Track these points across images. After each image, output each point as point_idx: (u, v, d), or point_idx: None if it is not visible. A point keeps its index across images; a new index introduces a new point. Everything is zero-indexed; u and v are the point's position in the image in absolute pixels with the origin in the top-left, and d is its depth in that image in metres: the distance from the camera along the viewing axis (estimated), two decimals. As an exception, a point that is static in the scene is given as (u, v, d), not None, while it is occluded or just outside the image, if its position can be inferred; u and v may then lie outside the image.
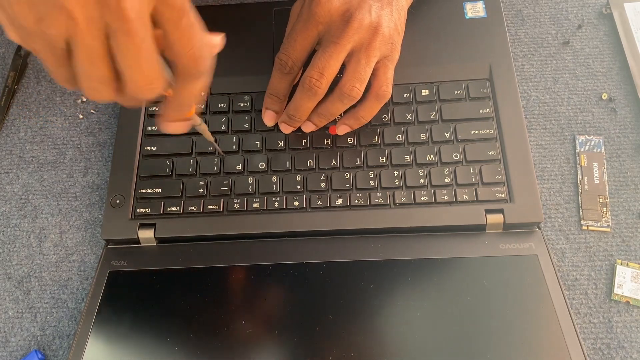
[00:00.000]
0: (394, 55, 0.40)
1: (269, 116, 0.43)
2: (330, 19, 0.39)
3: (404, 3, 0.42)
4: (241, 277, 0.40)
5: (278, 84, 0.42)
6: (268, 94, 0.43)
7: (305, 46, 0.40)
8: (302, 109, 0.41)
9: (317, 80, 0.38)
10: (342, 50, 0.38)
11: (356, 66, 0.39)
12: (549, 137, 0.46)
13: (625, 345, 0.39)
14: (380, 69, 0.40)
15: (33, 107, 0.50)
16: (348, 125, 0.43)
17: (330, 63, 0.38)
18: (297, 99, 0.40)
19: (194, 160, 0.44)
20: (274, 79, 0.42)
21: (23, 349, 0.41)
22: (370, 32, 0.38)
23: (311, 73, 0.39)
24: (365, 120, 0.42)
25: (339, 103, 0.40)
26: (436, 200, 0.41)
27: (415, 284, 0.38)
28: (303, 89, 0.39)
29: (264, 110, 0.43)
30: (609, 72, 0.48)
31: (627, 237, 0.42)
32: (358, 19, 0.38)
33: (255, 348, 0.37)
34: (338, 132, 0.43)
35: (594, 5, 0.50)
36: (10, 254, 0.45)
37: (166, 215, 0.42)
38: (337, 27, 0.38)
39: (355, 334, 0.37)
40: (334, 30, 0.39)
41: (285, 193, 0.42)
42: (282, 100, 0.43)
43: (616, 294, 0.40)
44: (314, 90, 0.39)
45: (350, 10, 0.39)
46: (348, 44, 0.38)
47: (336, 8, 0.39)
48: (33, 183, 0.47)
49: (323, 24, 0.39)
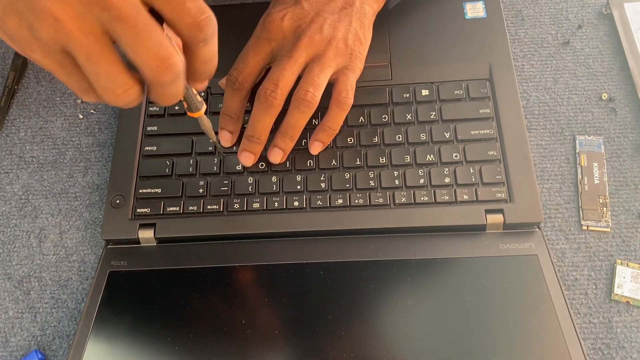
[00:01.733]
0: (354, 63, 0.40)
1: (224, 137, 0.43)
2: (283, 36, 0.40)
3: (368, 10, 0.42)
4: (241, 277, 0.40)
5: (230, 102, 0.41)
6: (222, 113, 0.42)
7: (257, 62, 0.40)
8: (259, 125, 0.40)
9: (272, 91, 0.38)
10: (295, 62, 0.39)
11: (309, 74, 0.39)
12: (549, 137, 0.46)
13: (625, 345, 0.39)
14: (340, 78, 0.40)
15: (33, 107, 0.50)
16: (319, 141, 0.42)
17: (284, 74, 0.38)
18: (254, 115, 0.40)
19: (193, 160, 0.44)
20: (226, 96, 0.41)
21: (23, 349, 0.41)
22: (324, 45, 0.39)
23: (266, 85, 0.39)
24: (333, 131, 0.42)
25: (297, 112, 0.39)
26: (436, 200, 0.41)
27: (415, 284, 0.38)
28: (259, 102, 0.39)
29: (220, 131, 0.43)
30: (609, 72, 0.48)
31: (627, 237, 0.42)
32: (309, 35, 0.39)
33: (255, 348, 0.37)
34: (312, 151, 0.43)
35: (594, 5, 0.50)
36: (10, 254, 0.45)
37: (166, 215, 0.42)
38: (290, 42, 0.39)
39: (355, 334, 0.37)
40: (287, 45, 0.39)
41: (285, 193, 0.42)
42: (236, 120, 0.42)
43: (616, 294, 0.40)
44: (269, 101, 0.38)
45: (302, 27, 0.39)
46: (300, 57, 0.39)
47: (288, 26, 0.39)
48: (33, 183, 0.47)
49: (276, 40, 0.40)
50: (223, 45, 0.48)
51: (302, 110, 0.39)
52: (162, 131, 0.45)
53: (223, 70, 0.47)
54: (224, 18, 0.49)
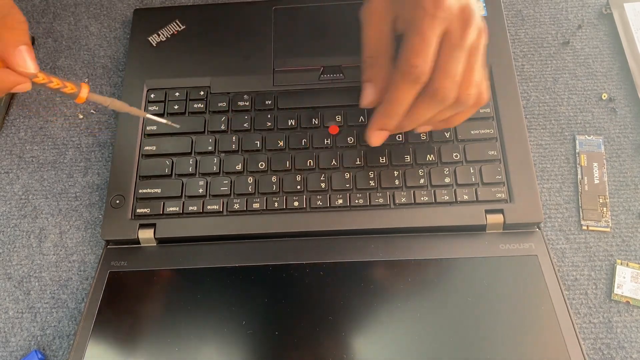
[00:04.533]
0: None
1: (379, 138, 0.38)
2: (452, 17, 0.33)
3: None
4: (241, 278, 0.40)
5: (407, 95, 0.35)
6: (387, 113, 0.36)
7: (436, 49, 0.33)
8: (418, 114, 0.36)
9: (451, 90, 0.34)
10: (465, 54, 0.34)
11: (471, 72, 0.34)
12: (549, 137, 0.46)
13: (625, 345, 0.39)
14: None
15: (33, 107, 0.50)
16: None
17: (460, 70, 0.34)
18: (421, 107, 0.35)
19: (193, 160, 0.44)
20: (401, 92, 0.34)
21: (23, 349, 0.41)
22: (480, 33, 0.34)
23: (444, 83, 0.33)
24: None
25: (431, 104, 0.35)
26: (436, 201, 0.41)
27: (415, 284, 0.38)
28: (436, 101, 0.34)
29: (374, 132, 0.38)
30: (609, 72, 0.48)
31: (627, 237, 0.42)
32: (475, 19, 0.33)
33: (255, 348, 0.37)
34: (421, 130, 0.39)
35: (594, 5, 0.50)
36: (10, 254, 0.45)
37: (166, 216, 0.42)
38: (458, 27, 0.33)
39: (355, 335, 0.37)
40: (456, 31, 0.33)
41: (285, 193, 0.42)
42: (402, 115, 0.36)
43: (616, 294, 0.40)
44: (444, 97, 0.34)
45: (467, 9, 0.33)
46: (467, 45, 0.33)
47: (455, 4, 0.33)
48: (33, 183, 0.47)
49: (447, 20, 0.33)
50: (223, 45, 0.48)
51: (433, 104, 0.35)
52: (162, 131, 0.45)
53: (226, 69, 0.47)
54: (224, 17, 0.50)
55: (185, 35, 0.49)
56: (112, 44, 0.52)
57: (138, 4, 0.54)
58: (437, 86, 0.34)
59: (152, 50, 0.48)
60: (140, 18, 0.50)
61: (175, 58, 0.48)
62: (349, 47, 0.47)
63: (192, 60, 0.48)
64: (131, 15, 0.52)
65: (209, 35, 0.49)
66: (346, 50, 0.47)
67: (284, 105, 0.45)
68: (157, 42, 0.49)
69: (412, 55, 0.33)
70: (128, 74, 0.48)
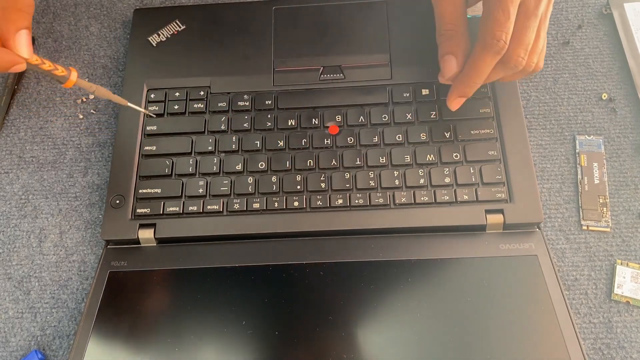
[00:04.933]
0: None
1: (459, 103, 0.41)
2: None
3: None
4: (241, 278, 0.40)
5: (487, 66, 0.37)
6: (470, 81, 0.38)
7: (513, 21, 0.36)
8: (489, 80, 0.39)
9: (523, 58, 0.36)
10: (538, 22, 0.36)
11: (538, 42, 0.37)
12: (549, 137, 0.46)
13: (625, 345, 0.39)
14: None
15: (33, 107, 0.50)
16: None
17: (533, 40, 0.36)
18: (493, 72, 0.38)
19: (193, 160, 0.44)
20: (484, 63, 0.37)
21: (23, 349, 0.41)
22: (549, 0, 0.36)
23: (518, 51, 0.36)
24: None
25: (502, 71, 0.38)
26: (436, 201, 0.41)
27: (415, 285, 0.38)
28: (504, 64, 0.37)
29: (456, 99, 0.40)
30: (609, 72, 0.48)
31: (627, 237, 0.42)
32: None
33: (255, 348, 0.37)
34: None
35: (594, 5, 0.50)
36: (10, 254, 0.45)
37: (166, 216, 0.42)
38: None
39: (355, 335, 0.37)
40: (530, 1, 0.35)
41: (285, 193, 0.42)
42: (481, 84, 0.39)
43: (616, 294, 0.40)
44: (517, 66, 0.37)
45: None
46: (541, 13, 0.36)
47: None
48: (33, 183, 0.47)
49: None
50: (223, 45, 0.48)
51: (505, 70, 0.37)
52: (162, 131, 0.45)
53: (226, 69, 0.47)
54: (224, 17, 0.50)
55: (186, 35, 0.49)
56: (112, 44, 0.52)
57: (138, 4, 0.54)
58: (512, 54, 0.36)
59: (152, 50, 0.48)
60: (140, 18, 0.50)
61: (175, 58, 0.48)
62: (349, 47, 0.47)
63: (192, 60, 0.48)
64: (131, 15, 0.52)
65: (209, 35, 0.49)
66: (346, 50, 0.47)
67: (284, 105, 0.45)
68: (157, 42, 0.49)
69: (497, 28, 0.35)
70: (128, 74, 0.48)
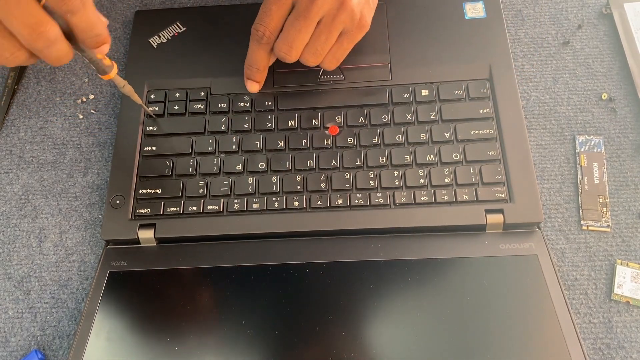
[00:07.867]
0: (361, 30, 0.42)
1: (252, 86, 0.45)
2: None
3: None
4: (241, 278, 0.40)
5: (256, 55, 0.43)
6: (247, 65, 0.44)
7: (281, 16, 0.41)
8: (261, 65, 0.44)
9: (286, 53, 0.41)
10: (311, 23, 0.40)
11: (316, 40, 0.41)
12: (549, 137, 0.46)
13: (625, 345, 0.39)
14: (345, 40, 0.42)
15: (33, 107, 0.50)
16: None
17: (299, 37, 0.40)
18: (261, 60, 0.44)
19: (193, 160, 0.44)
20: (252, 50, 0.43)
21: (23, 349, 0.41)
22: (337, 5, 0.40)
23: (280, 46, 0.41)
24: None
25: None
26: (436, 201, 0.41)
27: (415, 284, 0.38)
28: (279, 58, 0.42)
29: (246, 80, 0.45)
30: (609, 72, 0.48)
31: (627, 237, 0.42)
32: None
33: (255, 348, 0.37)
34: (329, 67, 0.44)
35: (594, 5, 0.50)
36: (10, 254, 0.45)
37: (166, 216, 0.42)
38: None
39: (355, 334, 0.37)
40: (304, 1, 0.39)
41: (285, 193, 0.42)
42: (262, 71, 0.44)
43: (616, 294, 0.40)
44: (283, 59, 0.42)
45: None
46: (316, 16, 0.40)
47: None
48: (33, 183, 0.47)
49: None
50: (223, 47, 0.48)
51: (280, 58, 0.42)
52: (162, 131, 0.45)
53: (227, 70, 0.47)
54: (224, 18, 0.50)
55: (186, 36, 0.49)
56: (112, 45, 0.52)
57: (139, 5, 0.54)
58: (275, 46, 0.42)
59: (152, 52, 0.49)
60: (141, 20, 0.50)
61: (175, 59, 0.48)
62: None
63: (193, 62, 0.48)
64: (132, 17, 0.52)
65: (209, 36, 0.49)
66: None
67: (284, 106, 0.45)
68: (158, 43, 0.49)
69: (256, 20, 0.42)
70: (128, 74, 0.48)
